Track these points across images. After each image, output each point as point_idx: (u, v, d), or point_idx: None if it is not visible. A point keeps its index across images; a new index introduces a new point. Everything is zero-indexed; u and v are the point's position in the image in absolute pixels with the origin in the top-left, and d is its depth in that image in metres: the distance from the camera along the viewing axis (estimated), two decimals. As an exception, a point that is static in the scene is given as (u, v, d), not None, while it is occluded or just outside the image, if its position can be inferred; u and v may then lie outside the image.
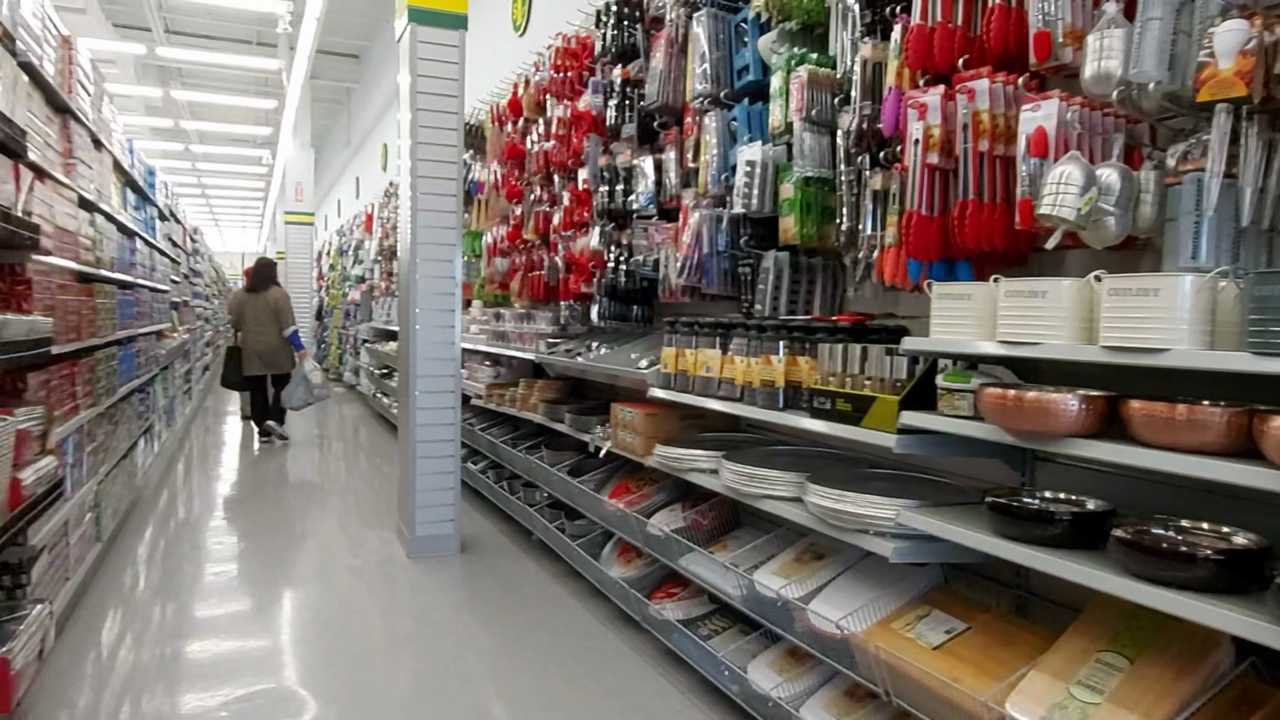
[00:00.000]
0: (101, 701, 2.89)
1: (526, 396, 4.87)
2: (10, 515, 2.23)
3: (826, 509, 2.28)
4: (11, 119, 2.50)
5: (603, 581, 3.78)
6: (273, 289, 8.11)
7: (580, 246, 4.28)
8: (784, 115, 2.76)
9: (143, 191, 6.04)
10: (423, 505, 4.58)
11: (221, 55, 12.07)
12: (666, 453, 3.15)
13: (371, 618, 3.78)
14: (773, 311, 2.91)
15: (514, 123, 5.36)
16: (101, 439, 4.10)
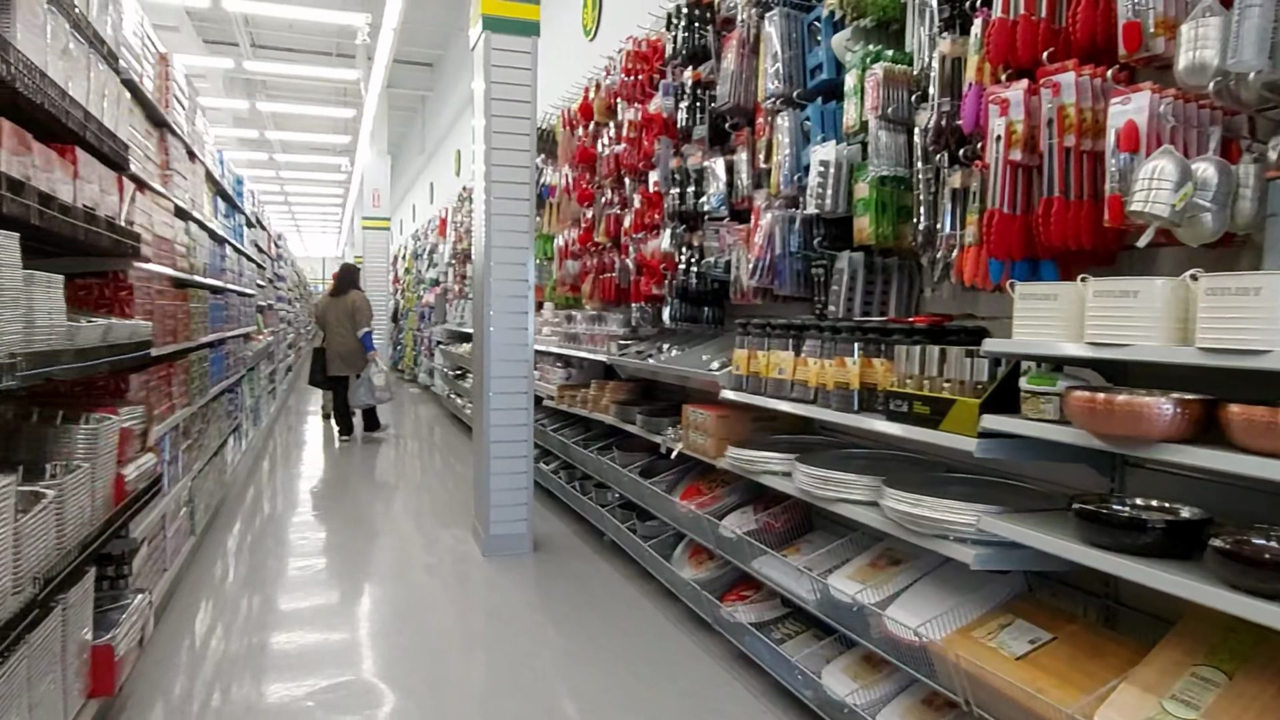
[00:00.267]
0: (194, 688, 3.03)
1: (598, 398, 4.91)
2: (115, 509, 2.36)
3: (904, 513, 2.24)
4: (115, 134, 2.65)
5: (674, 583, 3.78)
6: (352, 293, 8.46)
7: (651, 249, 4.30)
8: (859, 114, 2.73)
9: (232, 200, 6.30)
10: (497, 504, 4.66)
11: (303, 67, 12.51)
12: (739, 454, 3.14)
13: (448, 614, 3.86)
14: (847, 313, 2.88)
15: (585, 126, 5.42)
16: (195, 437, 4.29)
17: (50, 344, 1.88)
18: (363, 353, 8.38)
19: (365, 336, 8.36)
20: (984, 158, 2.20)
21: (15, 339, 1.69)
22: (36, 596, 1.72)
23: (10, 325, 1.66)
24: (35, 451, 2.11)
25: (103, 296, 2.77)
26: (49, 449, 2.12)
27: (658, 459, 4.33)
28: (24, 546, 1.67)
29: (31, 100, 1.94)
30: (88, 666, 2.30)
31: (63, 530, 1.92)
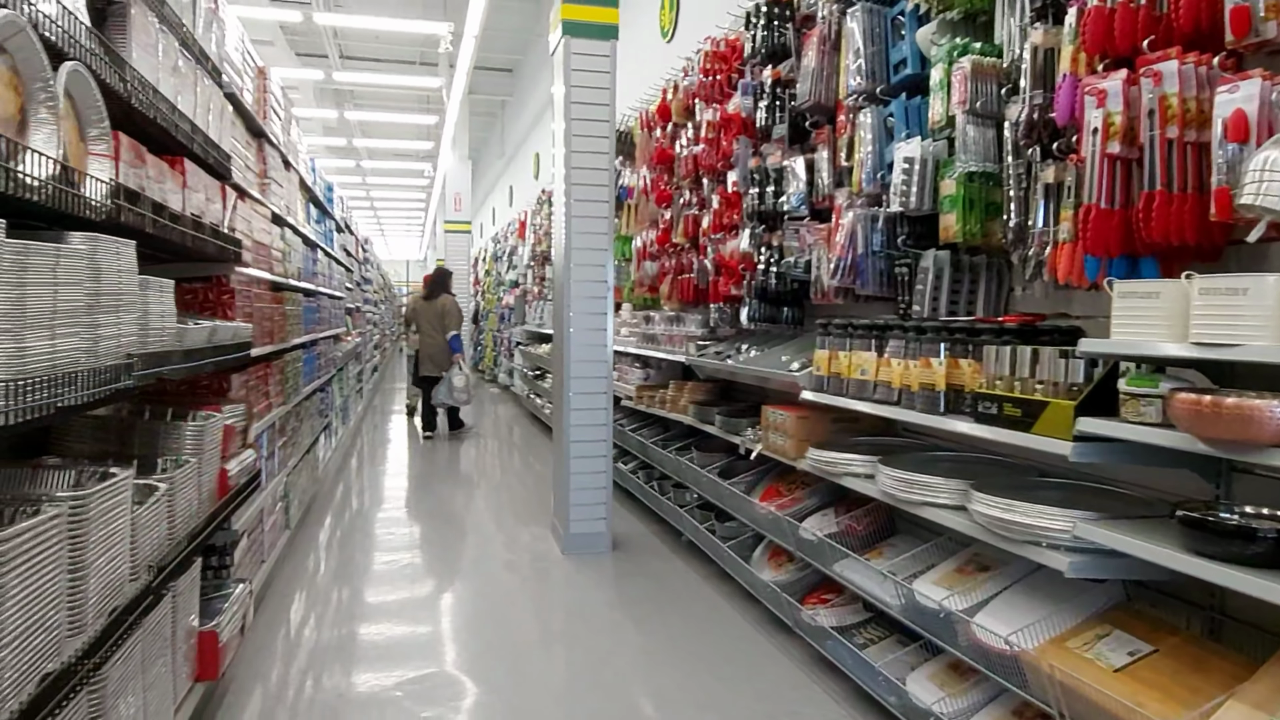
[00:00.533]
0: (289, 675, 3.15)
1: (676, 398, 4.92)
2: (219, 503, 2.48)
3: (994, 518, 2.18)
4: (219, 145, 2.78)
5: (753, 584, 3.76)
6: (443, 296, 8.79)
7: (730, 249, 4.28)
8: (945, 109, 2.67)
9: (323, 206, 6.54)
10: (577, 503, 4.72)
11: (389, 76, 12.89)
12: (820, 456, 3.11)
13: (529, 610, 3.93)
14: (932, 312, 2.82)
15: (663, 128, 5.43)
16: (289, 435, 4.47)
17: (162, 345, 1.99)
18: (450, 354, 8.66)
19: (453, 339, 8.65)
20: (1079, 151, 2.13)
21: (132, 340, 1.79)
22: (150, 584, 1.82)
23: (128, 328, 1.76)
24: (148, 447, 2.24)
25: (206, 300, 2.92)
26: (160, 445, 2.25)
27: (736, 459, 4.31)
28: (140, 536, 1.77)
29: (145, 115, 2.05)
30: (194, 652, 2.43)
31: (173, 521, 2.03)
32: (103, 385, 1.63)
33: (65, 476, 1.73)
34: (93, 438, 2.21)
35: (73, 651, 1.42)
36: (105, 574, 1.57)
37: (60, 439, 2.21)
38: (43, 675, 1.32)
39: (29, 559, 1.26)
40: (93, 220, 1.69)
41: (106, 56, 1.83)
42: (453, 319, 8.65)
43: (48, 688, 1.31)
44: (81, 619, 1.47)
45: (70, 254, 1.50)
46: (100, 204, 1.71)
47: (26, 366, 1.34)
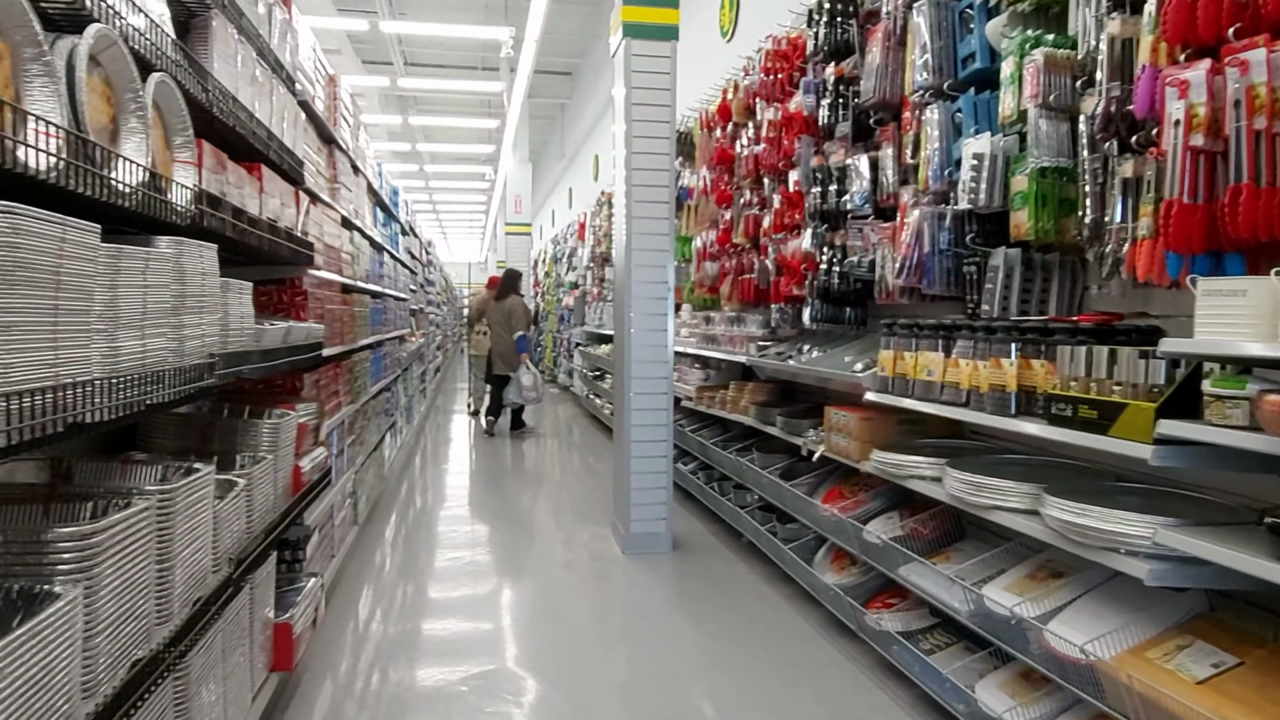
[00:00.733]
0: (358, 668, 3.23)
1: (737, 399, 4.90)
2: (293, 499, 2.56)
3: (1068, 524, 2.12)
4: (293, 151, 2.87)
5: (815, 587, 3.73)
6: (512, 298, 9.03)
7: (791, 249, 4.25)
8: (1016, 103, 2.60)
9: (389, 210, 6.69)
10: (637, 503, 4.73)
11: (451, 81, 13.11)
12: (885, 458, 3.06)
13: (590, 609, 3.95)
14: (1002, 312, 2.75)
15: (723, 128, 5.42)
16: (357, 433, 4.58)
17: (241, 345, 2.06)
18: (517, 354, 8.86)
19: (519, 339, 8.86)
20: (1159, 145, 2.05)
21: (214, 341, 1.86)
22: (230, 575, 1.89)
23: (210, 328, 1.83)
24: (227, 443, 2.32)
25: (280, 302, 3.01)
26: (238, 441, 2.33)
27: (798, 461, 4.27)
28: (221, 529, 1.84)
29: (225, 123, 2.13)
30: (270, 642, 2.51)
31: (251, 516, 2.10)
32: (187, 384, 1.69)
33: (152, 471, 1.81)
34: (176, 434, 2.30)
35: (160, 639, 1.48)
36: (190, 565, 1.63)
37: (146, 435, 2.31)
38: (133, 661, 1.38)
39: (121, 549, 1.32)
40: (177, 225, 1.76)
41: (190, 68, 1.90)
42: (519, 320, 8.85)
43: (138, 674, 1.37)
44: (168, 608, 1.53)
45: (158, 257, 1.56)
46: (185, 209, 1.78)
47: (119, 365, 1.40)
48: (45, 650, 1.07)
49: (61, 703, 1.12)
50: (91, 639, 1.23)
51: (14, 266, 1.09)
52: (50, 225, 1.18)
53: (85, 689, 1.21)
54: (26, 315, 1.12)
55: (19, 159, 1.15)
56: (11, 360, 1.09)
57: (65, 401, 1.21)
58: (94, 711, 1.23)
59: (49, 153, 1.22)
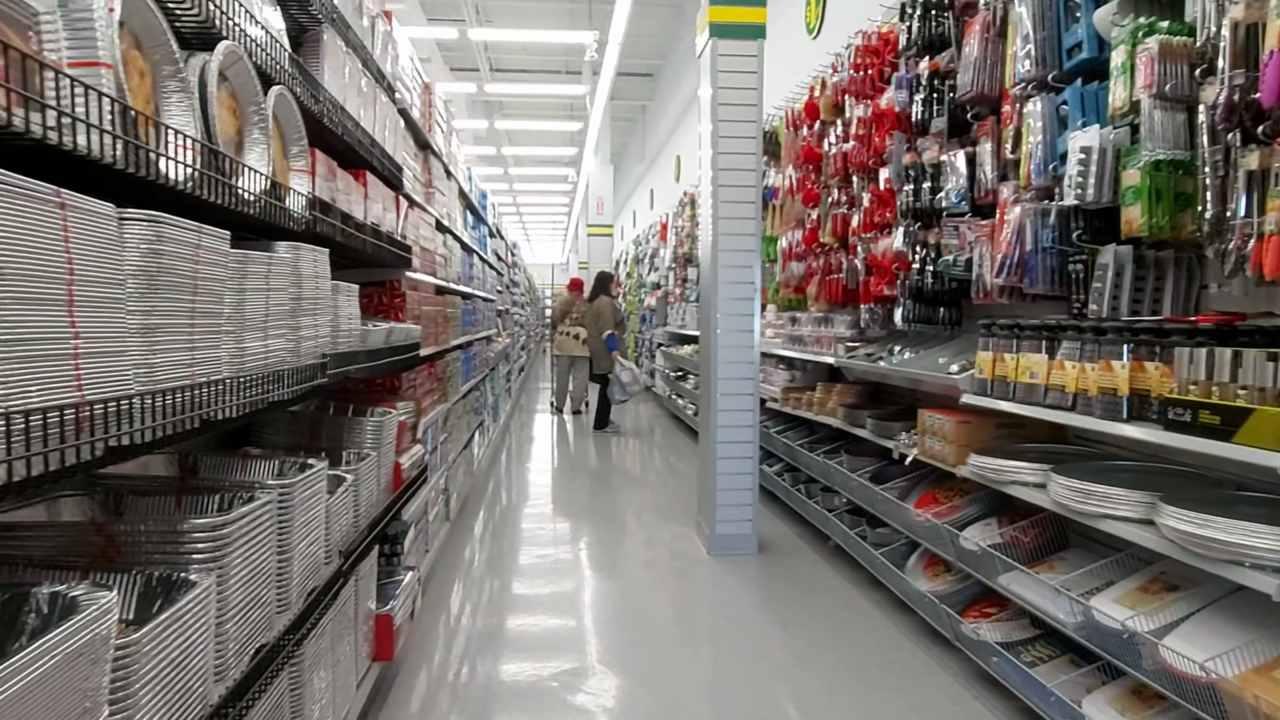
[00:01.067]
0: (450, 660, 3.31)
1: (824, 400, 4.83)
2: (394, 494, 2.64)
3: (1188, 534, 2.02)
4: (393, 157, 2.96)
5: (907, 593, 3.64)
6: (601, 298, 9.44)
7: (882, 248, 4.17)
8: (1128, 93, 2.49)
9: (478, 213, 6.84)
10: (723, 504, 4.72)
11: (536, 86, 13.32)
12: (983, 463, 2.97)
13: (677, 609, 3.96)
14: (1111, 312, 2.64)
15: (809, 126, 5.35)
16: (450, 431, 4.70)
17: (349, 345, 2.14)
18: (607, 352, 9.21)
19: (608, 338, 9.23)
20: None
21: (326, 341, 1.94)
22: (340, 567, 1.96)
23: (323, 329, 1.90)
24: (333, 440, 2.41)
25: (380, 303, 3.11)
26: (344, 438, 2.41)
27: (888, 464, 4.19)
28: (332, 522, 1.91)
29: (334, 133, 2.21)
30: (372, 633, 2.59)
31: (358, 510, 2.18)
32: (303, 382, 1.77)
33: (268, 466, 1.89)
34: (286, 431, 2.40)
35: (280, 627, 1.55)
36: (305, 556, 1.70)
37: (258, 431, 2.41)
38: (258, 648, 1.45)
39: (248, 540, 1.38)
40: (293, 230, 1.84)
41: (304, 80, 1.98)
42: (606, 319, 9.24)
43: (262, 659, 1.43)
44: (287, 597, 1.60)
45: (279, 262, 1.64)
46: (300, 215, 1.85)
47: (245, 365, 1.47)
48: (185, 634, 1.13)
49: (198, 685, 1.19)
50: (222, 625, 1.29)
51: (159, 272, 1.16)
52: (188, 233, 1.25)
53: (217, 672, 1.28)
54: (169, 319, 1.19)
55: (161, 170, 1.22)
56: (157, 361, 1.16)
57: (200, 399, 1.28)
58: (224, 694, 1.29)
59: (186, 164, 1.29)
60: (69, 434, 0.94)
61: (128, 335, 1.10)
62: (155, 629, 1.05)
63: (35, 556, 1.25)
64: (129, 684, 0.99)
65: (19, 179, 0.89)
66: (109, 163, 1.09)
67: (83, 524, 1.31)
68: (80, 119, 1.02)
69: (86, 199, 1.02)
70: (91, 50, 1.09)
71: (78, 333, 0.98)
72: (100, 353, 1.03)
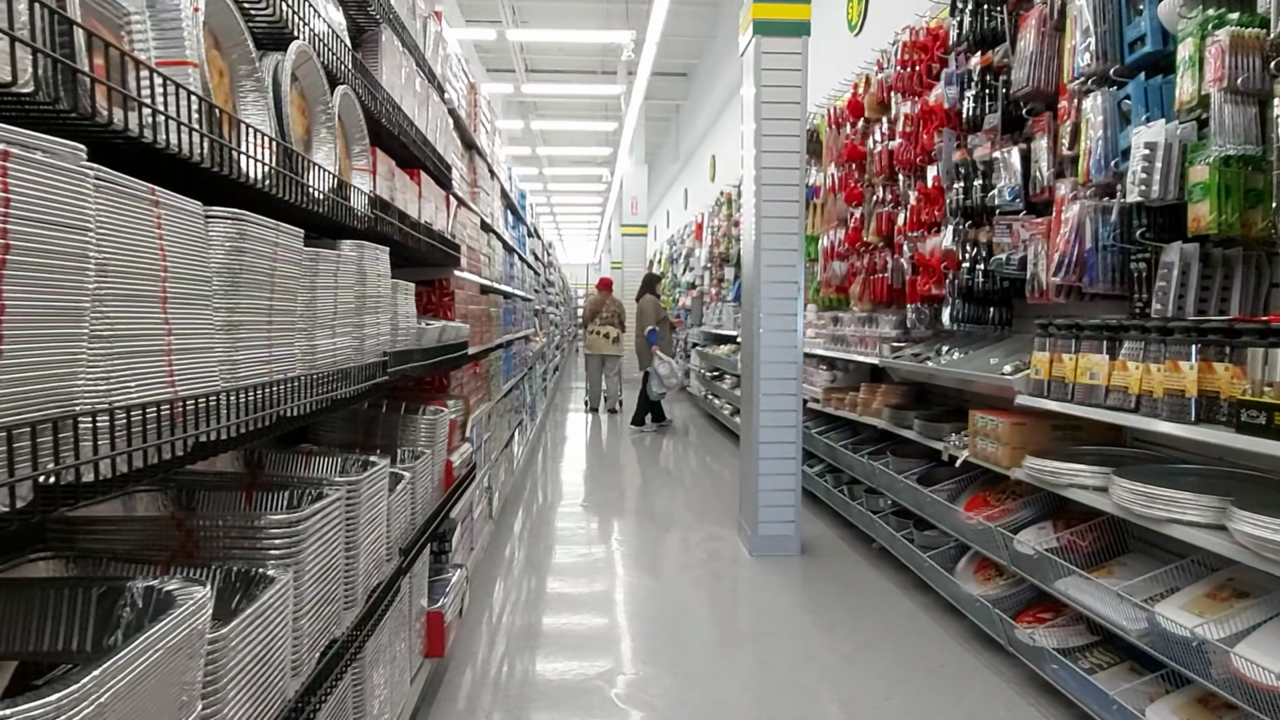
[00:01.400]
0: (493, 657, 3.32)
1: (868, 401, 4.78)
2: (446, 492, 2.65)
3: (1265, 540, 1.96)
4: (444, 157, 2.97)
5: (957, 597, 3.59)
6: (645, 297, 9.73)
7: (930, 247, 4.11)
8: (1196, 87, 2.43)
9: (518, 213, 6.87)
10: (765, 505, 4.68)
11: (571, 86, 13.36)
12: (1040, 465, 2.92)
13: (721, 610, 3.94)
14: (1177, 311, 2.57)
15: (852, 124, 5.30)
16: (492, 430, 4.71)
17: (406, 344, 2.15)
18: (648, 347, 9.43)
19: (649, 333, 9.48)
20: (1375, 127, 1.87)
21: (386, 339, 1.95)
22: (401, 565, 1.97)
23: (384, 328, 1.91)
24: (388, 438, 2.42)
25: (430, 302, 3.13)
26: (398, 436, 2.43)
27: (936, 466, 4.13)
28: (393, 520, 1.92)
29: (391, 132, 2.22)
30: (424, 630, 2.60)
31: (414, 508, 2.19)
32: (366, 380, 1.77)
33: (331, 463, 1.90)
34: (343, 428, 2.41)
35: (349, 623, 1.56)
36: (370, 554, 1.71)
37: (315, 429, 2.43)
38: (330, 642, 1.45)
39: (320, 536, 1.39)
40: (355, 229, 1.85)
41: (365, 80, 1.99)
42: (647, 316, 9.50)
43: (334, 654, 1.44)
44: (354, 593, 1.61)
45: (346, 260, 1.65)
46: (363, 214, 1.86)
47: (316, 362, 1.48)
48: (268, 629, 1.14)
49: (277, 679, 1.19)
50: (299, 620, 1.30)
51: (241, 270, 1.16)
52: (267, 230, 1.25)
53: (294, 667, 1.29)
54: (250, 316, 1.20)
55: (241, 168, 1.23)
56: (239, 358, 1.17)
57: (276, 396, 1.29)
58: (300, 689, 1.30)
59: (264, 162, 1.30)
60: (164, 429, 0.95)
61: (214, 332, 1.11)
62: (242, 624, 1.06)
63: (119, 550, 1.27)
64: (219, 678, 0.99)
65: (119, 176, 0.90)
66: (196, 160, 1.09)
67: (163, 518, 1.32)
68: (171, 117, 1.02)
69: (178, 196, 1.02)
70: (179, 49, 1.10)
71: (171, 329, 0.99)
72: (191, 349, 1.03)
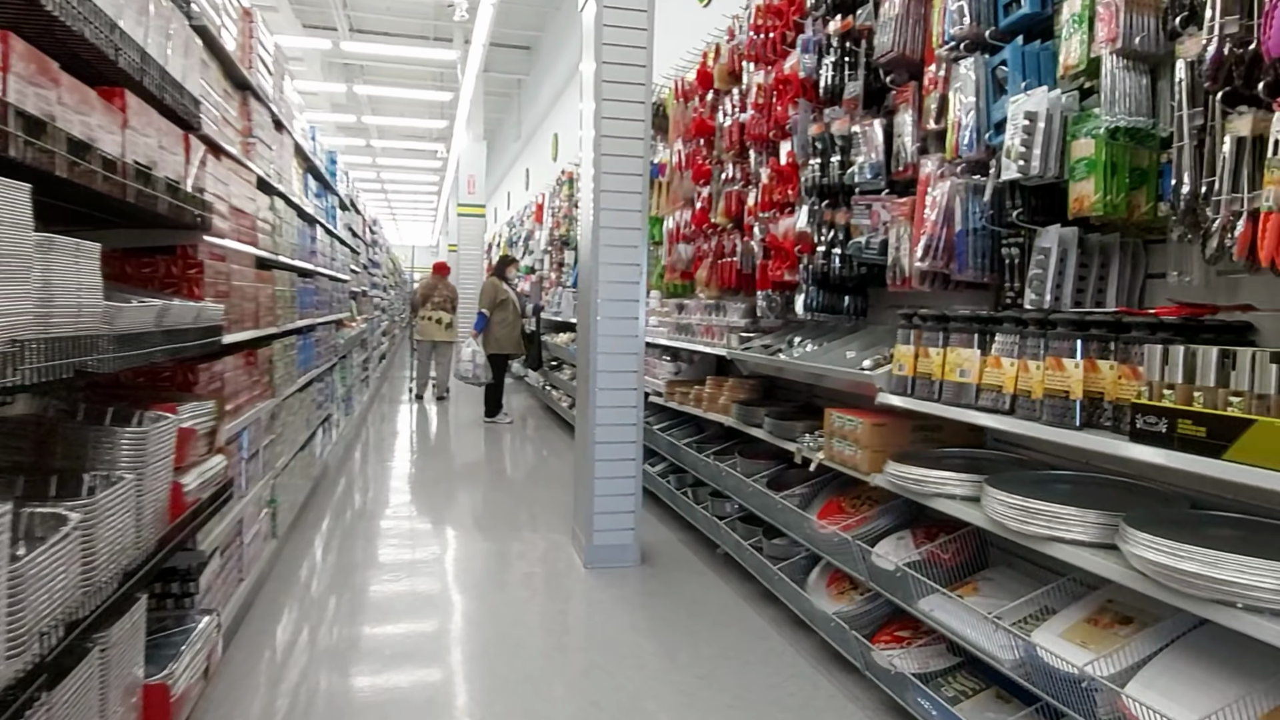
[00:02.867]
0: (273, 715, 2.67)
1: (714, 396, 4.40)
2: (171, 525, 1.98)
3: (1166, 568, 1.67)
4: (182, 85, 2.27)
5: (809, 614, 3.26)
6: (489, 279, 8.96)
7: (783, 228, 3.75)
8: (1084, 50, 2.14)
9: (324, 179, 6.04)
10: (601, 511, 4.22)
11: (400, 48, 12.35)
12: (905, 472, 2.59)
13: (549, 637, 3.43)
14: (1054, 302, 2.29)
15: (701, 96, 4.90)
16: (279, 431, 3.98)
17: (79, 328, 1.49)
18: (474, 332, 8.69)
19: (478, 317, 8.65)
20: (1303, 88, 1.60)
21: (22, 320, 1.29)
22: (49, 653, 1.33)
23: (14, 303, 1.26)
24: (74, 458, 1.74)
25: (169, 275, 2.42)
26: (90, 456, 1.75)
27: (787, 468, 3.80)
28: (30, 593, 1.27)
29: (64, 24, 1.54)
30: (139, 709, 1.94)
31: (93, 560, 1.53)
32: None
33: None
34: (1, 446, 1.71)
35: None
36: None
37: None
38: None
39: None
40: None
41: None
42: (484, 298, 8.69)
43: None
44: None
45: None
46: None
47: None
48: None
49: None
50: None
51: None
52: None
53: None
54: None
55: None
56: None
57: None
58: None
59: None
60: None
61: None
62: None
63: None
64: None
65: None
66: None
67: None
68: None
69: None
70: None
71: None
72: None
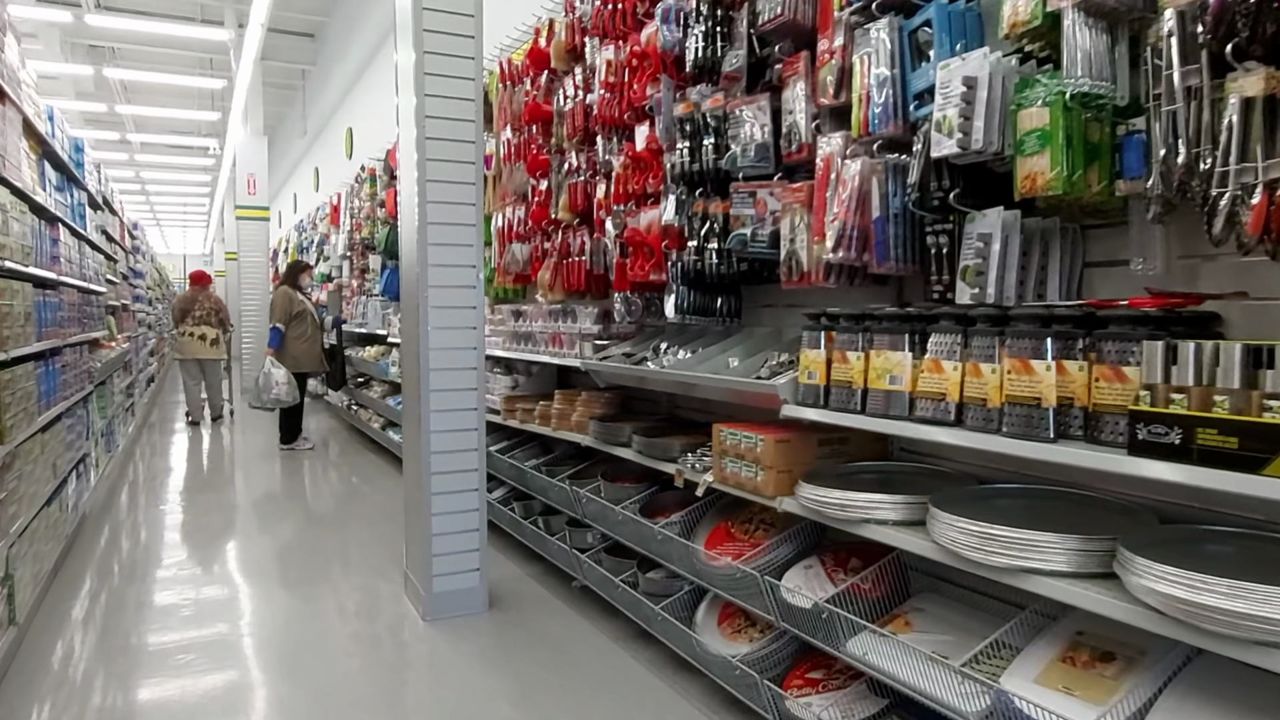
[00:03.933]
0: None
1: (566, 412, 3.91)
2: None
3: (1184, 602, 1.40)
4: None
5: (701, 658, 2.86)
6: (281, 289, 7.81)
7: (646, 222, 3.34)
8: (1038, 5, 1.88)
9: (68, 169, 4.93)
10: (441, 553, 3.61)
11: (160, 25, 10.79)
12: (824, 496, 2.24)
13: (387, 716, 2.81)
14: (997, 295, 2.03)
15: (534, 79, 4.41)
16: (13, 485, 3.05)
17: None
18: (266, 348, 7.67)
19: (271, 332, 7.59)
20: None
21: None
22: None
23: None
24: None
25: None
26: None
27: (659, 490, 3.39)
28: None
29: None
30: None
31: None
32: None
33: None
34: None
35: None
36: None
37: None
38: None
39: None
40: None
41: None
42: (275, 311, 7.62)
43: None
44: None
45: None
46: None
47: None
48: None
49: None
50: None
51: None
52: None
53: None
54: None
55: None
56: None
57: None
58: None
59: None
60: None
61: None
62: None
63: None
64: None
65: None
66: None
67: None
68: None
69: None
70: None
71: None
72: None
